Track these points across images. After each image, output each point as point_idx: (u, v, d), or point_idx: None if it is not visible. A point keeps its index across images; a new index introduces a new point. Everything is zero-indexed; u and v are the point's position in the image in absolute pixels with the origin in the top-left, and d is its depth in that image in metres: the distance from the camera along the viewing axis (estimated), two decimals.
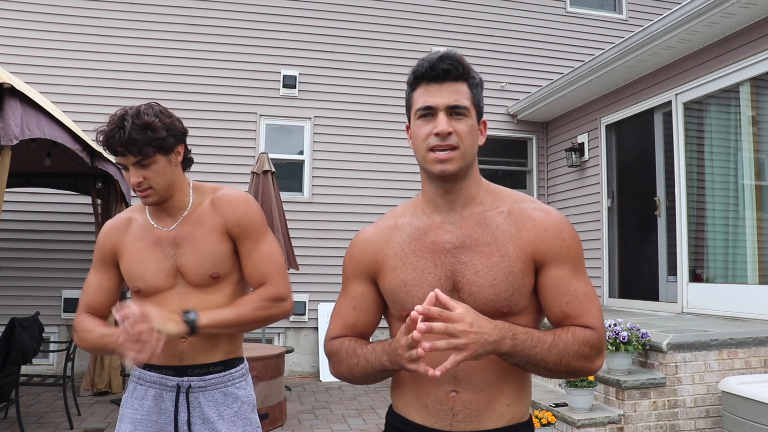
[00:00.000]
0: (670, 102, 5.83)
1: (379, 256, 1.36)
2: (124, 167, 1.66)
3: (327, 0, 7.71)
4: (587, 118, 7.26)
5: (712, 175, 5.56)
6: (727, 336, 3.98)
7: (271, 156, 6.67)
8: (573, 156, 7.34)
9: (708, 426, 3.90)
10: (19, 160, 4.02)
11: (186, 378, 1.72)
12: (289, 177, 7.42)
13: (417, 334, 1.10)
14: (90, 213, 6.40)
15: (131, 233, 1.78)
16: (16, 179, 5.69)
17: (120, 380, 5.82)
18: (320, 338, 7.07)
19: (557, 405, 4.06)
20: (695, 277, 5.55)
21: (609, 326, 3.91)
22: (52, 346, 6.30)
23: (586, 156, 7.23)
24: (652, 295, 6.10)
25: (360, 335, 1.40)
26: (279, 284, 1.74)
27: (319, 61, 7.60)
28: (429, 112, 1.26)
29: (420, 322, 1.10)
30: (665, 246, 6.00)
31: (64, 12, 7.01)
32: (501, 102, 8.05)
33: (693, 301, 5.47)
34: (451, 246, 1.29)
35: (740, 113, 5.19)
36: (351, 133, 7.58)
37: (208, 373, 1.74)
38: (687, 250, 5.57)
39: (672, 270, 5.82)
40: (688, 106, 5.69)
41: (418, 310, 1.10)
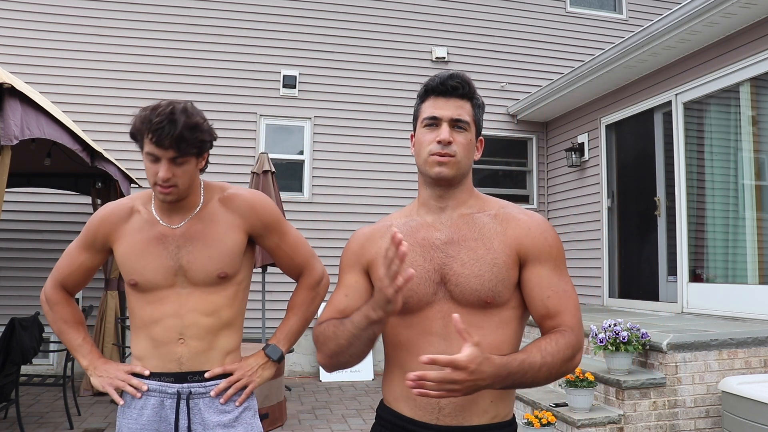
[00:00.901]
0: (670, 102, 5.83)
1: (374, 249, 1.45)
2: (155, 159, 1.61)
3: (327, 0, 7.72)
4: (587, 118, 7.26)
5: (712, 175, 5.55)
6: (727, 336, 3.98)
7: (271, 156, 6.67)
8: (573, 156, 7.34)
9: (708, 426, 3.90)
10: (19, 160, 4.03)
11: (186, 384, 1.71)
12: (289, 177, 7.42)
13: (402, 249, 1.16)
14: (90, 213, 6.40)
15: (131, 224, 1.75)
16: (16, 179, 5.70)
17: None
18: None
19: (557, 405, 4.05)
20: (695, 277, 5.54)
21: (609, 326, 3.91)
22: (52, 346, 6.29)
23: (586, 156, 7.23)
24: (652, 295, 6.10)
25: None
26: (315, 268, 1.91)
27: (319, 61, 7.60)
28: (434, 122, 1.40)
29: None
30: (665, 246, 6.00)
31: (64, 12, 7.01)
32: (501, 102, 8.05)
33: (693, 301, 5.47)
34: (441, 242, 1.40)
35: (740, 113, 5.18)
36: (351, 133, 7.59)
37: (209, 379, 1.73)
38: (687, 250, 5.57)
39: (672, 270, 5.82)
40: (688, 106, 5.69)
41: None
